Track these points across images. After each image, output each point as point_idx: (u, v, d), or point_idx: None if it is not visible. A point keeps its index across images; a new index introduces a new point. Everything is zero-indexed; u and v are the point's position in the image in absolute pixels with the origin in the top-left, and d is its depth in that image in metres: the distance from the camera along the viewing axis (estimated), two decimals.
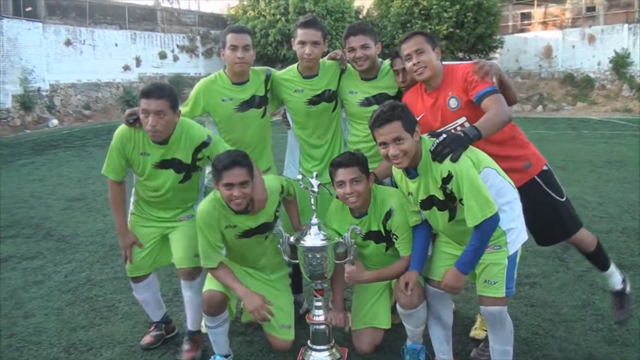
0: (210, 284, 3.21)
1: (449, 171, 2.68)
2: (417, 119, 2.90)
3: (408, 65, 3.13)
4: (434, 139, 2.76)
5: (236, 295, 3.26)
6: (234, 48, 3.43)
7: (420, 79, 3.14)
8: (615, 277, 3.46)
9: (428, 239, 3.11)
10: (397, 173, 3.02)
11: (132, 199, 3.56)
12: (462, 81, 3.05)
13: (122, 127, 3.29)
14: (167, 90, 3.16)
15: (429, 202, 2.86)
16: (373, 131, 2.81)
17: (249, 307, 3.13)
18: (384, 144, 2.76)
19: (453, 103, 3.08)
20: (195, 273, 3.39)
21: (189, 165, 3.33)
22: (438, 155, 2.69)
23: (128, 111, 3.28)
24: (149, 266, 3.52)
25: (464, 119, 3.04)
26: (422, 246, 3.08)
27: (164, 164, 3.30)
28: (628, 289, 3.49)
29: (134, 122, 3.23)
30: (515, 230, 2.83)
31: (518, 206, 2.89)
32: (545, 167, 3.26)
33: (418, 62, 3.06)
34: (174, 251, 3.43)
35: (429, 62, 3.06)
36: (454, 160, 2.66)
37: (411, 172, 2.85)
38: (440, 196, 2.78)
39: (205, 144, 3.30)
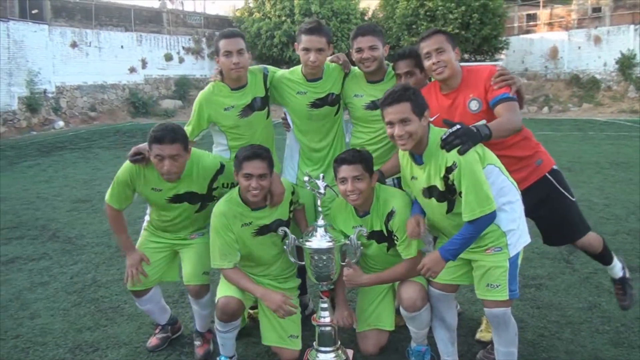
0: (225, 290, 3.19)
1: (454, 161, 2.67)
2: (431, 119, 2.88)
3: (427, 63, 3.06)
4: (446, 128, 2.74)
5: (252, 299, 3.26)
6: (228, 54, 3.35)
7: (439, 79, 3.09)
8: (617, 266, 3.50)
9: None
10: (403, 157, 3.01)
11: (146, 217, 3.59)
12: (486, 81, 2.99)
13: (130, 164, 3.27)
14: (179, 133, 3.13)
15: (428, 192, 2.86)
16: (382, 110, 2.81)
17: (271, 306, 3.13)
18: (390, 123, 2.76)
19: (474, 105, 3.02)
20: (202, 291, 3.39)
21: (204, 196, 3.35)
22: (448, 144, 2.67)
23: (133, 150, 3.25)
24: (152, 281, 3.48)
25: (484, 122, 2.92)
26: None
27: (177, 199, 3.31)
28: (627, 273, 3.54)
29: (141, 160, 3.22)
30: (516, 232, 2.81)
31: (519, 207, 2.87)
32: (555, 167, 3.26)
33: (438, 62, 3.01)
34: (183, 268, 3.44)
35: (449, 62, 3.01)
36: (462, 152, 2.64)
37: (417, 158, 2.85)
38: (441, 187, 2.77)
39: (219, 172, 3.34)
